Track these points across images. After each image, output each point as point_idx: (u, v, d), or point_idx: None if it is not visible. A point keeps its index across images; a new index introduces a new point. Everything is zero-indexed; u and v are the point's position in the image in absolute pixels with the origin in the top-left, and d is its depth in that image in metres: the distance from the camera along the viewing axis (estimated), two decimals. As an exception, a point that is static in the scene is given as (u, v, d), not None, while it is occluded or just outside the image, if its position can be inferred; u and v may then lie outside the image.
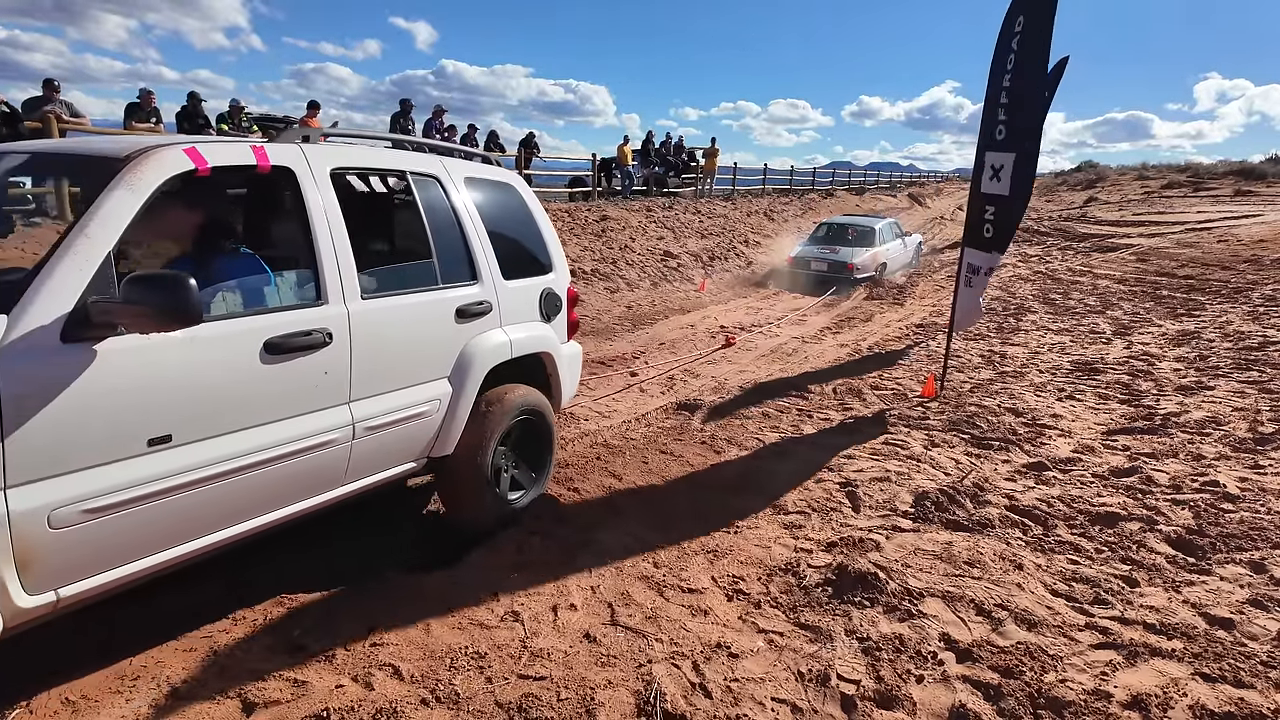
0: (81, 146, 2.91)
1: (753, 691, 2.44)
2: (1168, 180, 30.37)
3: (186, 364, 2.27)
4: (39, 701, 2.19)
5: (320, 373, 2.68)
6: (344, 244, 2.82)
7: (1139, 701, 2.42)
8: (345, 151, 3.14)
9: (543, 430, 3.85)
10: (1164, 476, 4.44)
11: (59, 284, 2.00)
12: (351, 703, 2.22)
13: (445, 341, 3.29)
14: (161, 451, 2.23)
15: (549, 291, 3.92)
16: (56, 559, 2.03)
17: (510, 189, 3.93)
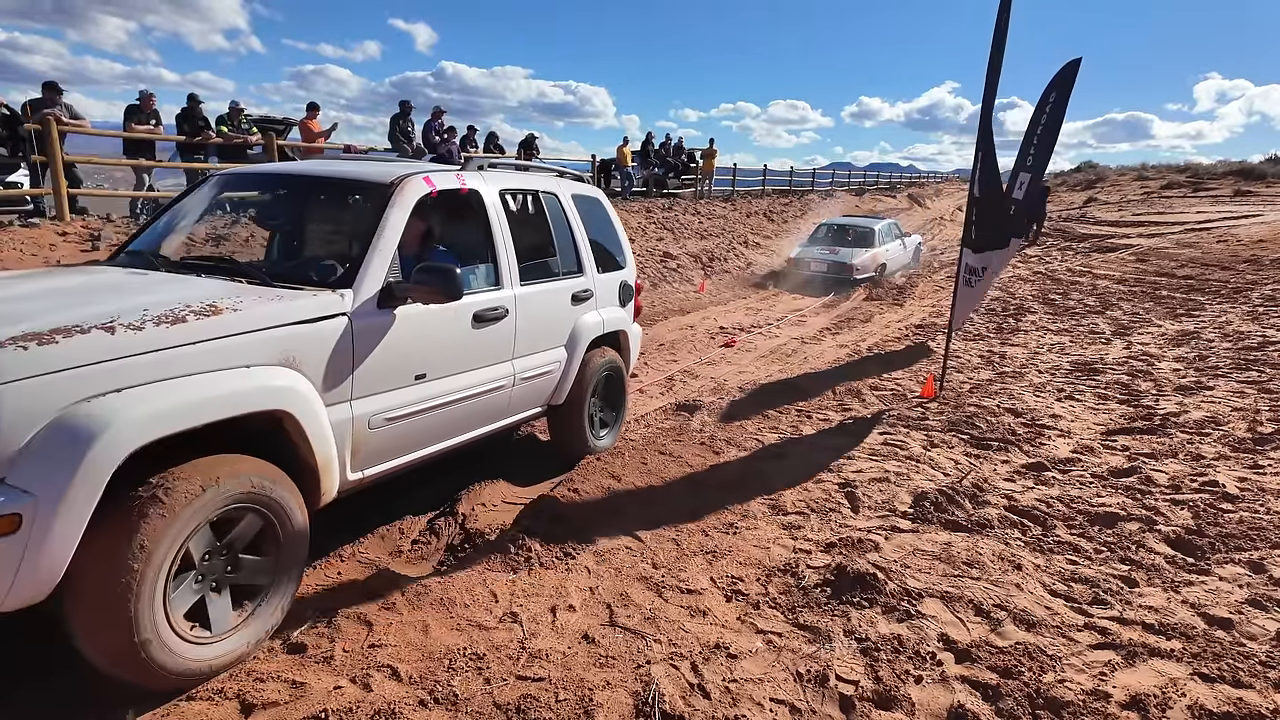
0: (354, 171, 3.70)
1: (751, 692, 2.43)
2: (1167, 181, 30.41)
3: (437, 326, 3.30)
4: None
5: (500, 337, 3.73)
6: (510, 245, 3.85)
7: (1137, 702, 2.42)
8: (506, 176, 4.16)
9: (620, 387, 5.02)
10: (1163, 477, 4.44)
11: (375, 270, 3.02)
12: (350, 704, 2.21)
13: (565, 318, 4.36)
14: (422, 384, 3.26)
15: (624, 283, 5.01)
16: (369, 450, 3.02)
17: (599, 203, 4.98)
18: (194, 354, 2.33)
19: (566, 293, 4.33)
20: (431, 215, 3.66)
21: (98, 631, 2.10)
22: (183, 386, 2.26)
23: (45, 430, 1.98)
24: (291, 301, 2.70)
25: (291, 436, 2.62)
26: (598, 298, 4.63)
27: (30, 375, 1.97)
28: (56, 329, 2.10)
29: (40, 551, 1.94)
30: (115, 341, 2.16)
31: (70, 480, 1.96)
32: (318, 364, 2.72)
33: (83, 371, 2.07)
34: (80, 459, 1.97)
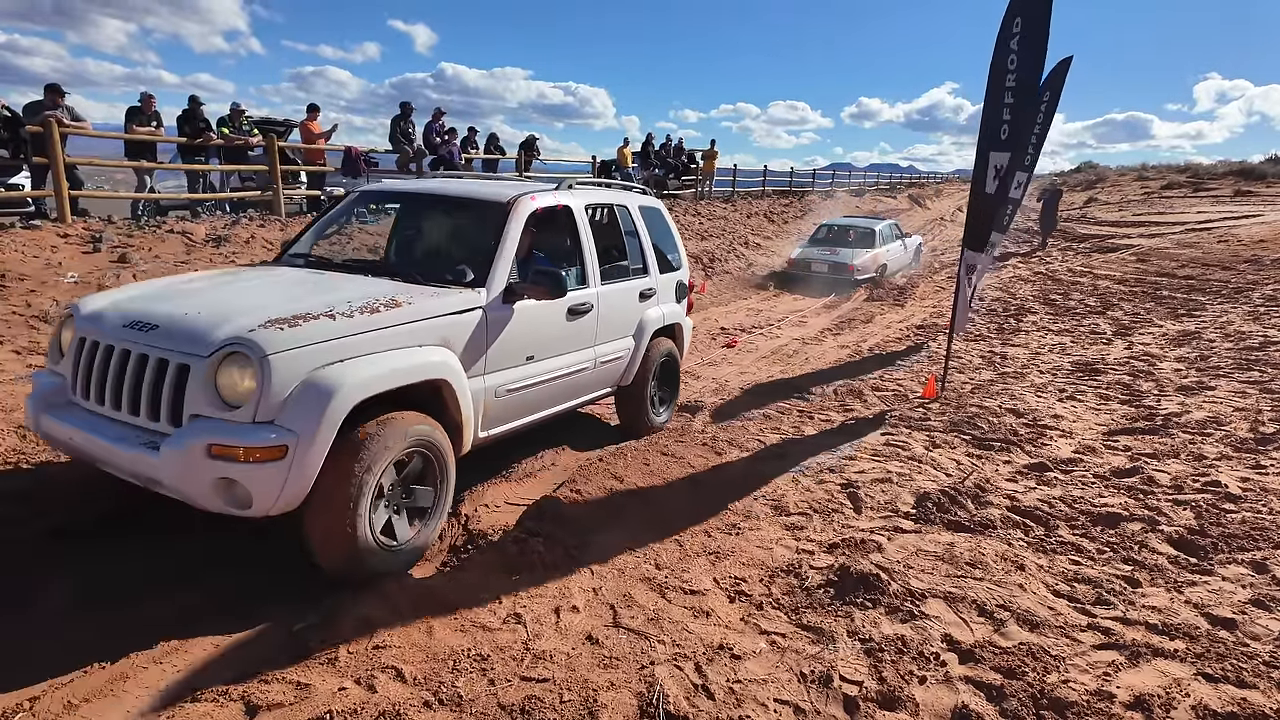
0: (476, 191, 4.46)
1: (755, 693, 2.43)
2: (1167, 181, 30.41)
3: (542, 317, 4.06)
4: (41, 704, 2.19)
5: (586, 327, 4.51)
6: (594, 250, 4.61)
7: (1141, 702, 2.42)
8: (590, 192, 4.92)
9: (674, 372, 5.73)
10: (1165, 477, 4.44)
11: (500, 272, 3.80)
12: (354, 705, 2.21)
13: (633, 312, 5.07)
14: (530, 363, 4.07)
15: (680, 282, 5.70)
16: (493, 414, 3.83)
17: (659, 212, 5.66)
18: (386, 335, 3.13)
19: (635, 290, 5.06)
20: (535, 226, 4.30)
21: (327, 535, 2.86)
22: (383, 359, 3.06)
23: (299, 388, 2.75)
24: (446, 297, 3.52)
25: (445, 400, 3.41)
26: (659, 295, 5.34)
27: (289, 349, 2.77)
28: (297, 315, 2.93)
29: (298, 473, 2.72)
30: (337, 325, 2.98)
31: (319, 423, 2.73)
32: (463, 345, 3.53)
33: (320, 346, 2.87)
34: (325, 408, 2.75)
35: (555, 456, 4.75)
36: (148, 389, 2.81)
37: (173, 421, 2.76)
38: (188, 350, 2.76)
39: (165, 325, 2.89)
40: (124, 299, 3.27)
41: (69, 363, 3.13)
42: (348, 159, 12.67)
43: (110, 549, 3.22)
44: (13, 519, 3.37)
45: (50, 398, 3.16)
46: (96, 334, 3.03)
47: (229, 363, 2.72)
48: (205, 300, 3.16)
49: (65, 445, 3.08)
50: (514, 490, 4.21)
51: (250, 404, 2.68)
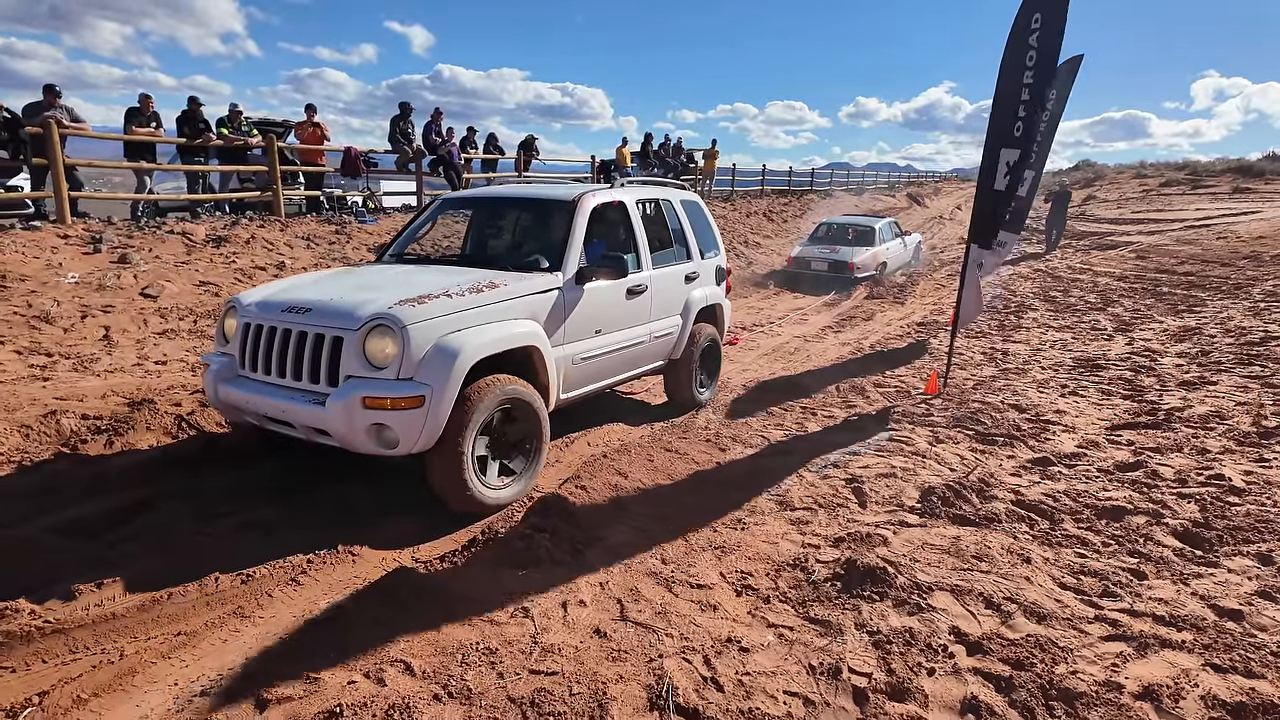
0: (545, 192, 5.26)
1: (764, 685, 2.43)
2: (1166, 178, 30.43)
3: (606, 296, 4.73)
4: (51, 699, 2.19)
5: (641, 306, 5.15)
6: (645, 238, 5.28)
7: (1150, 692, 2.42)
8: (638, 189, 5.57)
9: (716, 352, 6.26)
10: (1169, 471, 4.44)
11: (572, 258, 4.50)
12: (364, 699, 2.21)
13: (680, 293, 5.68)
14: (598, 336, 4.72)
15: (719, 266, 6.26)
16: (570, 379, 4.50)
17: (697, 204, 6.26)
18: (491, 310, 3.86)
19: (681, 274, 5.67)
20: (597, 219, 4.92)
21: (446, 472, 3.58)
22: (490, 329, 3.79)
23: (430, 351, 3.48)
24: (532, 279, 4.23)
25: (535, 364, 4.09)
26: (702, 277, 5.94)
27: (422, 320, 3.50)
28: (422, 295, 3.66)
29: (434, 418, 3.44)
30: (453, 302, 3.71)
31: (448, 377, 3.45)
32: (546, 319, 4.21)
33: (444, 319, 3.60)
34: (452, 366, 3.47)
35: (559, 453, 4.75)
36: (309, 359, 3.53)
37: (330, 383, 3.46)
38: (341, 326, 3.47)
39: (318, 308, 3.61)
40: (274, 291, 4.05)
41: (236, 344, 3.84)
42: (347, 159, 12.67)
43: (118, 545, 3.21)
44: (18, 517, 3.36)
45: (224, 374, 3.82)
46: (259, 319, 3.75)
47: (376, 333, 3.43)
48: (341, 288, 3.91)
49: (240, 408, 3.77)
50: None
51: (394, 365, 3.39)
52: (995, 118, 5.64)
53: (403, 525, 3.64)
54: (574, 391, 4.58)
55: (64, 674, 2.32)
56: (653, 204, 5.61)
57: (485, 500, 3.71)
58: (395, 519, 3.72)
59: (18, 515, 3.36)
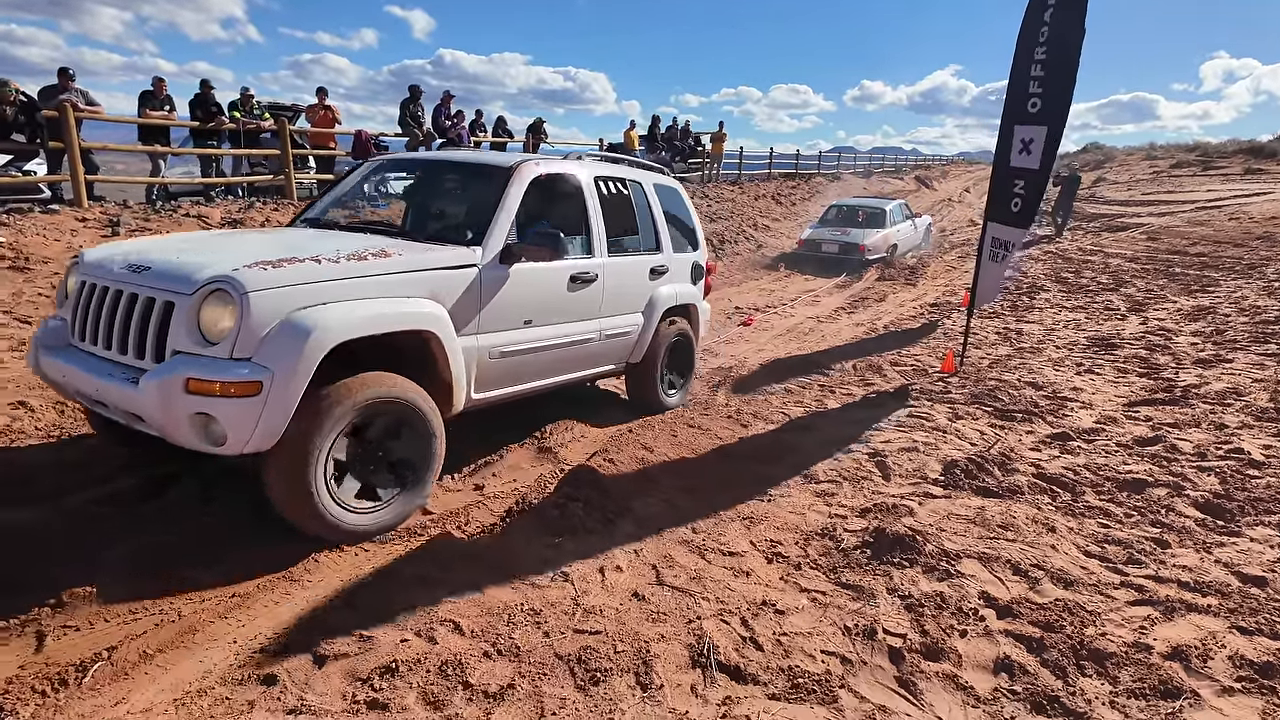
0: (481, 158, 4.84)
1: (802, 645, 2.50)
2: (1176, 160, 30.21)
3: (542, 282, 4.08)
4: (119, 654, 2.27)
5: (590, 297, 4.48)
6: (601, 222, 4.60)
7: (1179, 653, 2.48)
8: (600, 165, 4.91)
9: (688, 354, 5.66)
10: (1188, 445, 4.49)
11: (498, 233, 3.81)
12: (418, 655, 2.28)
13: (643, 288, 5.05)
14: (528, 328, 4.03)
15: (696, 263, 5.66)
16: (488, 376, 3.81)
17: (676, 191, 5.65)
18: (372, 283, 3.15)
19: (645, 266, 5.04)
20: (541, 193, 4.31)
21: (288, 486, 2.86)
22: (366, 305, 3.08)
23: (278, 326, 2.77)
24: (438, 252, 3.57)
25: (434, 355, 3.39)
26: (672, 274, 5.30)
27: (269, 287, 2.79)
28: (283, 258, 2.97)
29: (273, 411, 2.72)
30: (322, 269, 3.01)
31: (295, 361, 2.74)
32: (455, 302, 3.52)
33: (302, 288, 2.89)
34: (301, 348, 2.76)
35: (583, 428, 4.81)
36: (135, 327, 2.87)
37: (156, 359, 2.80)
38: (174, 289, 2.80)
39: (157, 267, 2.95)
40: (128, 247, 3.39)
41: (69, 306, 3.23)
42: (358, 143, 12.67)
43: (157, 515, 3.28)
44: (59, 490, 3.44)
45: (49, 339, 3.26)
46: (96, 277, 3.12)
47: (212, 300, 2.75)
48: (202, 247, 3.32)
49: (59, 383, 3.19)
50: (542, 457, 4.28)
51: (228, 340, 2.71)
52: (1012, 95, 5.63)
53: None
54: (492, 391, 3.90)
55: (128, 631, 2.39)
56: (617, 184, 4.92)
57: (341, 526, 3.00)
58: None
59: (59, 489, 3.43)
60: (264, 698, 2.10)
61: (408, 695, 2.13)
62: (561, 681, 2.25)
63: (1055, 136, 5.31)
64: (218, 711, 2.04)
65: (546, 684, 2.23)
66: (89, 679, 2.16)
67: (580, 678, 2.27)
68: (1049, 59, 5.28)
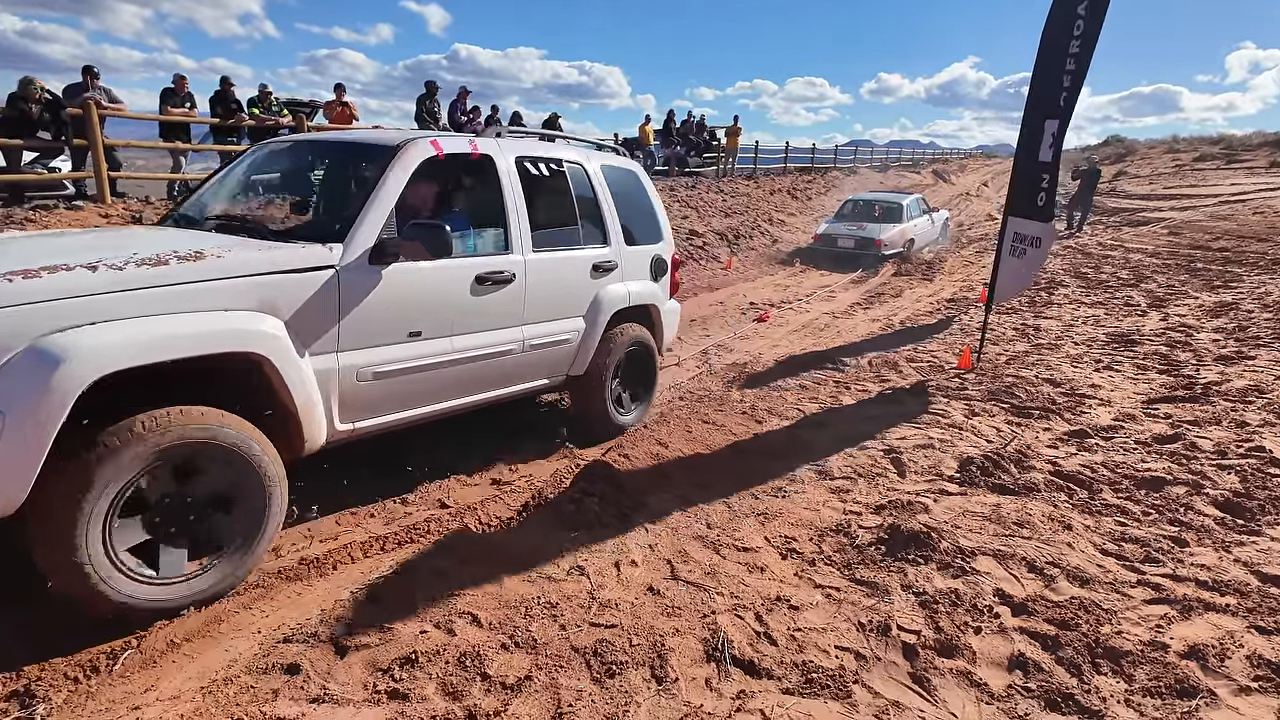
0: (364, 137, 4.12)
1: (816, 640, 2.52)
2: (1199, 153, 29.74)
3: (434, 285, 3.38)
4: (147, 643, 2.33)
5: (506, 301, 3.77)
6: (523, 211, 3.88)
7: (1196, 651, 2.47)
8: (525, 144, 4.17)
9: (648, 363, 4.93)
10: (1208, 443, 4.45)
11: (368, 226, 3.11)
12: (437, 646, 2.33)
13: (584, 288, 4.32)
14: (415, 341, 3.32)
15: (658, 257, 4.93)
16: (360, 402, 3.12)
17: (634, 175, 4.95)
18: (170, 295, 2.47)
19: (586, 263, 4.30)
20: (442, 179, 3.84)
21: (54, 555, 2.21)
22: (155, 323, 2.38)
23: (21, 355, 2.13)
24: (274, 251, 2.83)
25: (270, 380, 2.70)
26: (624, 270, 4.57)
27: (6, 305, 2.14)
28: (44, 266, 2.30)
29: (9, 466, 2.10)
30: (94, 279, 2.32)
31: (37, 401, 2.10)
32: (300, 313, 2.82)
33: (60, 304, 2.23)
34: (45, 382, 2.11)
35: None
36: None
37: None
38: None
39: None
40: None
41: None
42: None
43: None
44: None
45: None
46: None
47: None
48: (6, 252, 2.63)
49: None
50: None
51: None
52: (1041, 87, 5.58)
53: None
54: (368, 420, 3.18)
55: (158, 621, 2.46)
56: (548, 167, 4.17)
57: (132, 604, 2.35)
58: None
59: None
60: (288, 686, 2.15)
61: (427, 685, 2.18)
62: (578, 674, 2.29)
63: (1064, 129, 5.30)
64: (243, 699, 2.09)
65: (563, 676, 2.26)
66: (119, 666, 2.22)
67: (596, 670, 2.30)
68: (1081, 51, 5.23)
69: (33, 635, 2.35)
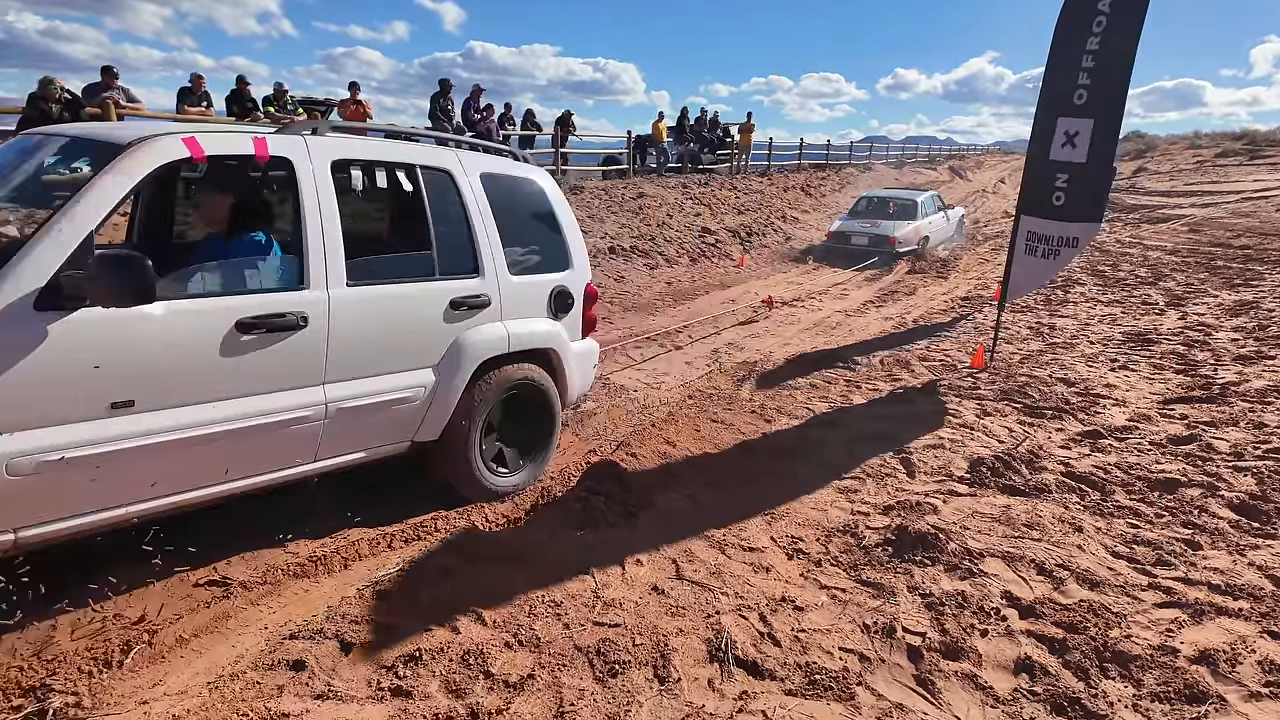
0: (98, 132, 3.04)
1: (820, 641, 2.51)
2: (1222, 148, 29.29)
3: (153, 336, 2.43)
4: (158, 639, 2.36)
5: (295, 353, 2.79)
6: (334, 233, 2.93)
7: (1207, 657, 2.45)
8: (349, 145, 3.18)
9: (542, 416, 3.88)
10: (1224, 444, 4.39)
11: (37, 259, 2.22)
12: (441, 644, 2.35)
13: (435, 331, 3.33)
14: (124, 415, 2.40)
15: (560, 289, 3.91)
16: (17, 501, 2.23)
17: (534, 186, 3.97)
18: None
19: (440, 298, 3.33)
20: (202, 189, 3.14)
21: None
22: None
23: None
24: None
25: None
26: (503, 306, 3.58)
27: None
28: None
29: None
30: None
31: None
32: None
33: None
34: None
35: (603, 419, 4.84)
36: None
37: None
38: None
39: None
40: None
41: None
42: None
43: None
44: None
45: None
46: None
47: None
48: None
49: None
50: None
51: None
52: (1052, 86, 5.52)
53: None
54: (44, 526, 2.33)
55: (166, 616, 2.49)
56: (388, 174, 3.33)
57: None
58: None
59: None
60: (293, 682, 2.18)
61: (430, 683, 2.19)
62: (580, 673, 2.30)
63: (1107, 130, 5.21)
64: (249, 695, 2.12)
65: (566, 675, 2.27)
66: (129, 661, 2.26)
67: (599, 670, 2.31)
68: (1101, 49, 5.17)
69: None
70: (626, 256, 11.56)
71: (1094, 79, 5.24)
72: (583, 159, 18.18)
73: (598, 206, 13.04)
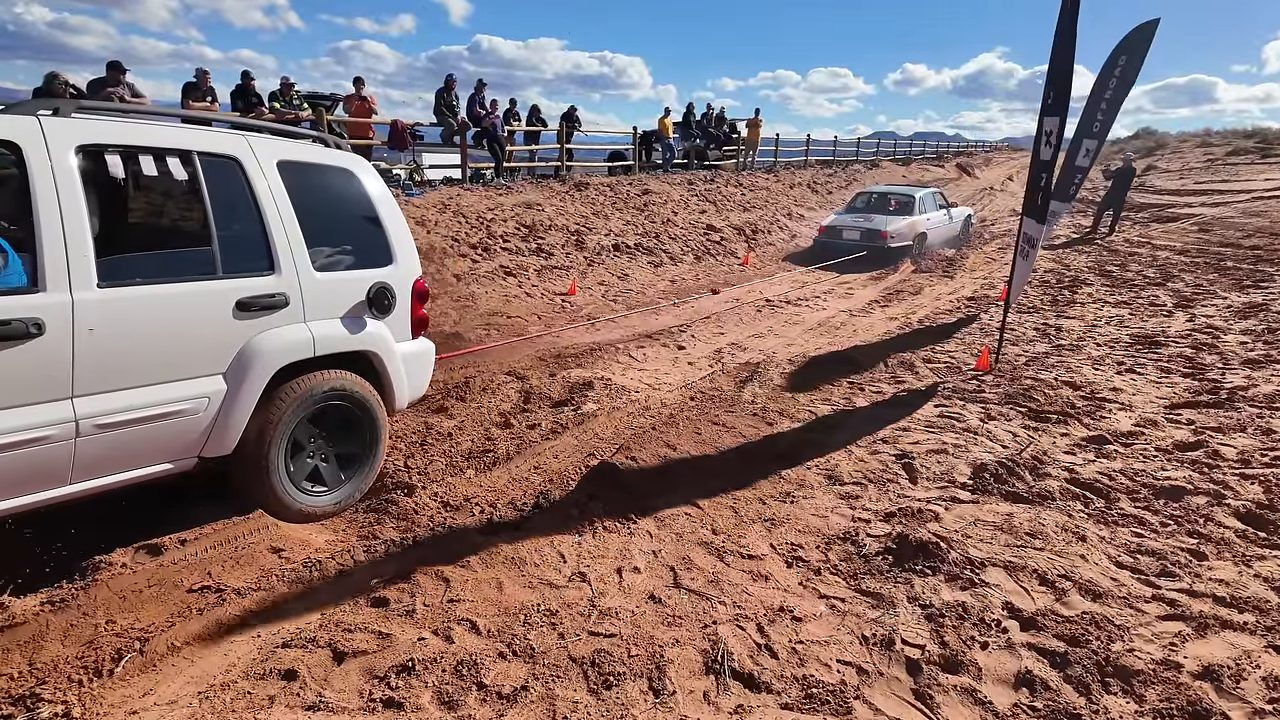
0: None
1: (818, 653, 2.48)
2: (1233, 146, 29.00)
3: None
4: (150, 647, 2.35)
5: (29, 364, 2.49)
6: (79, 228, 2.63)
7: (1211, 672, 2.41)
8: (105, 128, 2.87)
9: (362, 428, 3.62)
10: (1231, 451, 4.33)
11: None
12: (434, 654, 2.33)
13: (218, 335, 3.03)
14: None
15: (381, 286, 3.63)
16: None
17: (347, 175, 3.68)
18: None
19: (222, 298, 3.03)
20: None
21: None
22: None
23: None
24: None
25: None
26: (305, 305, 3.30)
27: None
28: None
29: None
30: None
31: None
32: None
33: None
34: None
35: (605, 420, 4.81)
36: None
37: None
38: None
39: None
40: None
41: None
42: (394, 132, 12.80)
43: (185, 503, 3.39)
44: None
45: None
46: None
47: None
48: None
49: None
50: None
51: None
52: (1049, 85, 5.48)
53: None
54: None
55: (160, 624, 2.48)
56: (156, 161, 3.01)
57: None
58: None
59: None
60: (284, 693, 2.16)
61: (423, 695, 2.18)
62: (574, 684, 2.27)
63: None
64: (239, 705, 2.11)
65: (559, 687, 2.25)
66: (120, 669, 2.25)
67: (593, 681, 2.29)
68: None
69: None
70: (630, 254, 11.52)
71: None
72: (588, 155, 18.12)
73: (603, 203, 12.99)
